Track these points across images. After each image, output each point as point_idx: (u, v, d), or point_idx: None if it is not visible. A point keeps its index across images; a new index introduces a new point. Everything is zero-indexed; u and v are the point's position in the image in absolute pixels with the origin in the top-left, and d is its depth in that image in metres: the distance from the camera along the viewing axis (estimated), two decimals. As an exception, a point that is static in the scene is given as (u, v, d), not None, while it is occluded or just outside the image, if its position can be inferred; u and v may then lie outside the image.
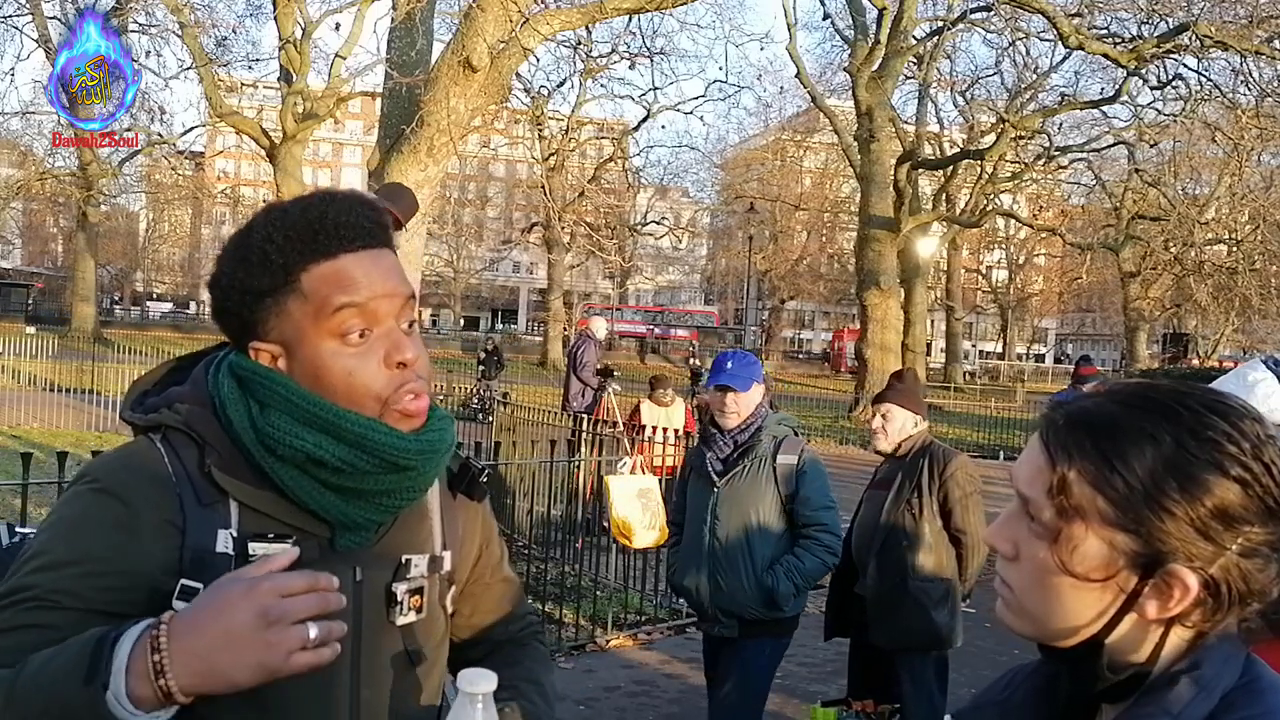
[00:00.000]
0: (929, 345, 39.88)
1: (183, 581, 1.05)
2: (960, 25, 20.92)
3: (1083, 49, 17.55)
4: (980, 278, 53.21)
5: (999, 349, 57.24)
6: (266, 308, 1.08)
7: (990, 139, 23.31)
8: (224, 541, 1.08)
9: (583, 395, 9.89)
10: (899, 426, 3.84)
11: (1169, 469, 0.82)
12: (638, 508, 5.80)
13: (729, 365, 3.51)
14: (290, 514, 1.10)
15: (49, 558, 1.04)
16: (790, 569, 3.36)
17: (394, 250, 1.14)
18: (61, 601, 1.01)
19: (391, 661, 1.15)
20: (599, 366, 10.06)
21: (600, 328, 10.72)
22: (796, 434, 3.60)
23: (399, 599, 1.16)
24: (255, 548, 1.07)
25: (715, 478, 3.51)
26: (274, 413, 1.09)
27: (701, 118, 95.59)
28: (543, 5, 8.51)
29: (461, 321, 57.71)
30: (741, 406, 3.49)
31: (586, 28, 17.57)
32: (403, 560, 1.17)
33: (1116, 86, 19.74)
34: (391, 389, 1.09)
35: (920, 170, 22.44)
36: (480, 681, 0.97)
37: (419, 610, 1.18)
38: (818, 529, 3.41)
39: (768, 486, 3.42)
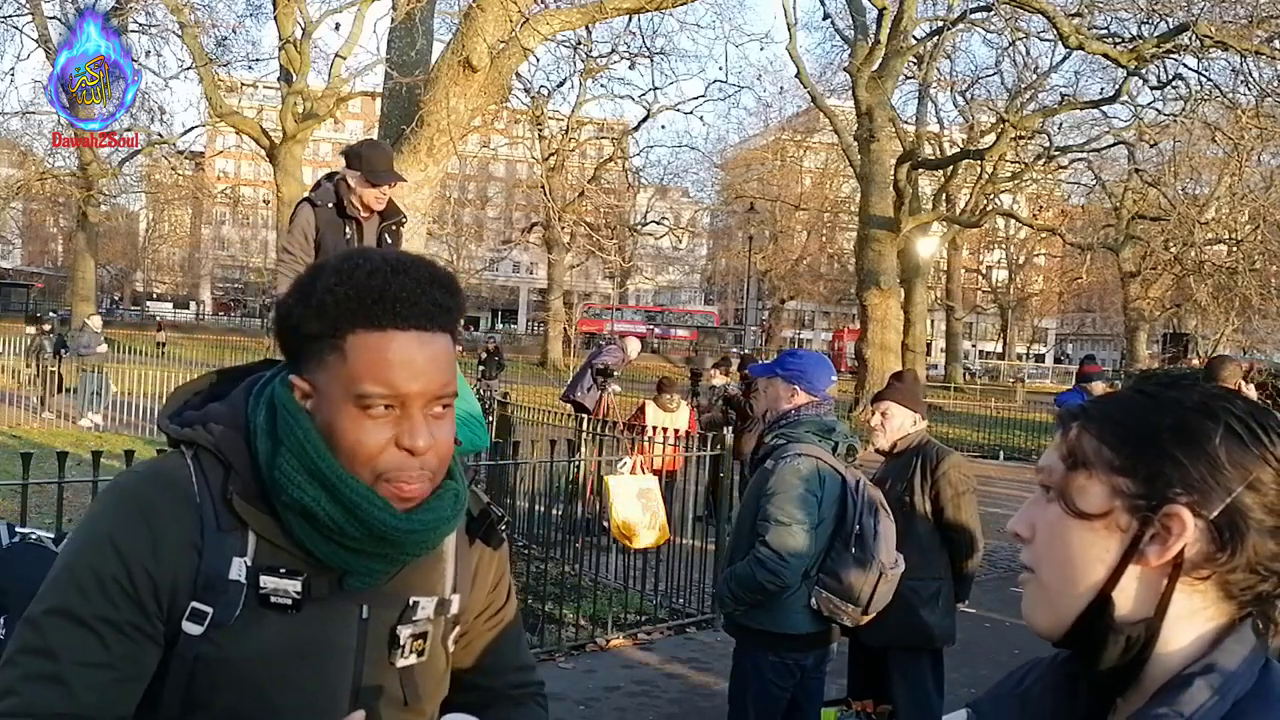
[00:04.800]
0: (929, 345, 39.86)
1: (193, 604, 1.08)
2: (960, 25, 20.87)
3: (1083, 49, 17.51)
4: (980, 278, 53.22)
5: (999, 349, 57.22)
6: (311, 349, 1.10)
7: (990, 139, 23.29)
8: (238, 569, 1.10)
9: (588, 390, 10.03)
10: (897, 425, 3.84)
11: (1169, 420, 0.88)
12: (638, 508, 5.79)
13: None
14: (304, 549, 1.12)
15: (86, 577, 1.07)
16: (730, 574, 3.19)
17: (450, 334, 1.13)
18: (105, 630, 1.06)
19: (386, 702, 1.17)
20: (599, 366, 10.18)
21: (634, 350, 11.11)
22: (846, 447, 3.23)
23: (401, 642, 1.17)
24: (266, 581, 1.09)
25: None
26: (285, 454, 1.10)
27: (701, 118, 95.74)
28: (543, 5, 8.50)
29: (461, 321, 57.69)
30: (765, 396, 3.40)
31: (586, 28, 17.56)
32: (409, 603, 1.18)
33: (1116, 86, 19.70)
34: (390, 468, 1.09)
35: (920, 170, 22.40)
36: None
37: (420, 654, 1.19)
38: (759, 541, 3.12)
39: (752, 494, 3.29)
